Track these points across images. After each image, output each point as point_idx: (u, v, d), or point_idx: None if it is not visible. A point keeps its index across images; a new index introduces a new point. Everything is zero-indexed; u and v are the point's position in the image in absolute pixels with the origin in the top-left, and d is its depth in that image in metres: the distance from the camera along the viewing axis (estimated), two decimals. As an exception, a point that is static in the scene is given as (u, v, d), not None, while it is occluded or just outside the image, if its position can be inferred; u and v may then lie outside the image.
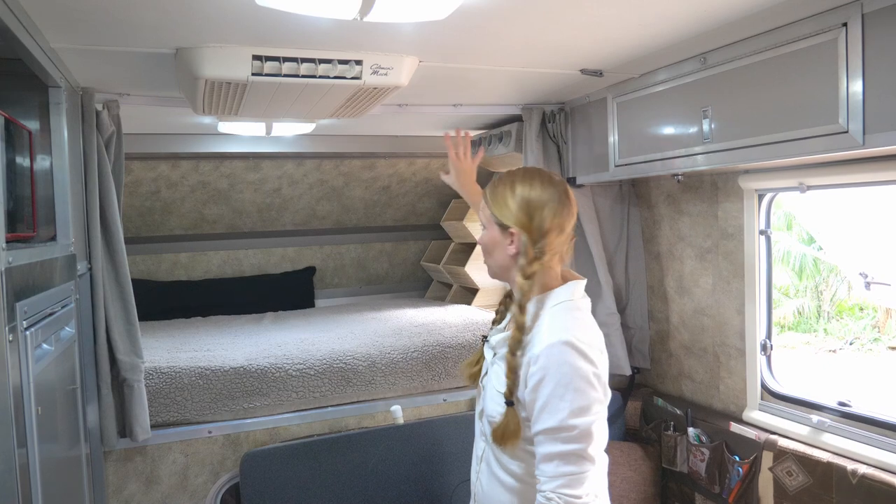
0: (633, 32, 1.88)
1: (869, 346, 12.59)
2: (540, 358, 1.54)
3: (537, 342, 1.58)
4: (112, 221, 2.29)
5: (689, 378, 2.79)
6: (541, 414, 1.54)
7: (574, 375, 1.53)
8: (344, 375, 2.65)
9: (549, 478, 1.53)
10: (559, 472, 1.52)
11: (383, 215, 4.43)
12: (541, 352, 1.55)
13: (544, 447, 1.54)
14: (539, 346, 1.56)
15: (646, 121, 2.38)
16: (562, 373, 1.53)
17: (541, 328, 1.60)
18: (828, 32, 1.67)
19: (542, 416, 1.54)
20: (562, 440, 1.52)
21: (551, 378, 1.53)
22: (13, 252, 1.35)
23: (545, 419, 1.53)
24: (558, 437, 1.52)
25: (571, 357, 1.54)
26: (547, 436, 1.53)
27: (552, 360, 1.53)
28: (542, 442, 1.55)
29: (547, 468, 1.54)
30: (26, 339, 1.37)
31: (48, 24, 1.63)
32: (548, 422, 1.53)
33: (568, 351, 1.54)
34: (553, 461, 1.52)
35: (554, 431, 1.52)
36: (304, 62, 1.91)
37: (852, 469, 2.00)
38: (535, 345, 1.58)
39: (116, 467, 2.39)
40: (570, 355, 1.54)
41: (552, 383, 1.53)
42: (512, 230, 1.64)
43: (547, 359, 1.54)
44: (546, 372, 1.53)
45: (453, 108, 2.83)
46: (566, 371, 1.53)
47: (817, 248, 12.42)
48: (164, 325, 3.52)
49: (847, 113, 1.64)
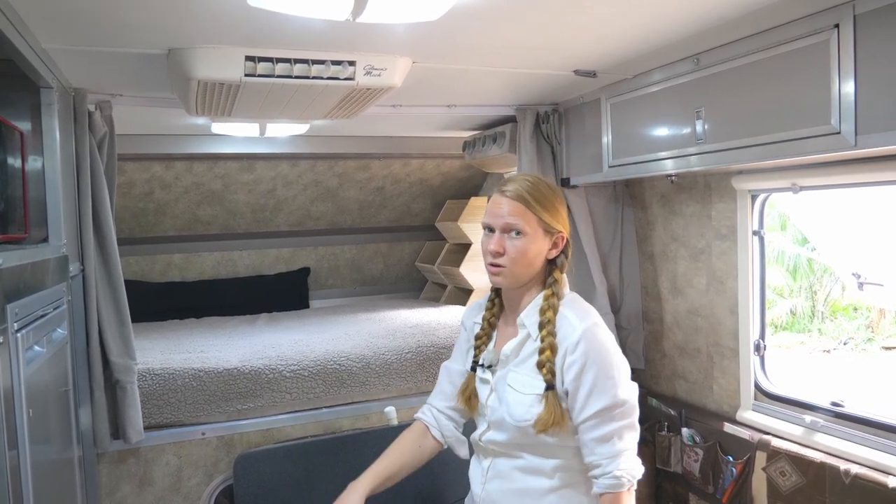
0: (627, 33, 1.88)
1: (863, 347, 12.64)
2: (578, 345, 1.59)
3: (570, 332, 1.62)
4: (105, 223, 2.28)
5: (682, 378, 2.79)
6: (590, 398, 1.58)
7: (613, 353, 1.62)
8: (338, 377, 2.65)
9: (609, 458, 1.57)
10: (618, 450, 1.57)
11: (378, 216, 4.43)
12: (578, 339, 1.60)
13: (598, 430, 1.58)
14: (571, 336, 1.61)
15: (639, 121, 2.38)
16: (601, 353, 1.60)
17: (567, 320, 1.66)
18: (820, 34, 1.68)
19: (591, 399, 1.58)
20: (616, 417, 1.57)
21: (593, 361, 1.59)
22: (4, 253, 1.34)
23: (595, 401, 1.58)
24: (613, 414, 1.57)
25: (605, 337, 1.63)
26: (600, 417, 1.58)
27: (591, 345, 1.60)
28: (595, 425, 1.58)
29: (605, 449, 1.58)
30: (17, 340, 1.36)
31: (39, 24, 1.62)
32: (599, 402, 1.57)
33: (600, 332, 1.63)
34: (611, 440, 1.57)
35: (608, 411, 1.57)
36: (297, 63, 1.90)
37: (845, 469, 2.01)
38: (566, 336, 1.63)
39: (109, 469, 2.38)
40: (604, 336, 1.63)
41: (596, 366, 1.58)
42: (562, 234, 1.72)
43: (586, 344, 1.59)
44: (587, 357, 1.59)
45: (447, 108, 2.83)
46: (604, 352, 1.61)
47: (811, 249, 12.46)
48: (157, 326, 3.51)
49: (839, 114, 1.65)
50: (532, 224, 1.67)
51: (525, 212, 1.67)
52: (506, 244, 1.66)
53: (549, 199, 1.69)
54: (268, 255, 4.29)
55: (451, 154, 3.95)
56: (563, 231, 1.71)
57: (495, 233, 1.68)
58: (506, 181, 1.73)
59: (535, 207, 1.67)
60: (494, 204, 1.70)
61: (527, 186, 1.69)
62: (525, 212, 1.67)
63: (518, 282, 1.72)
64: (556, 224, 1.69)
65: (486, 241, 1.70)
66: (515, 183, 1.70)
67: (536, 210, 1.67)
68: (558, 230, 1.70)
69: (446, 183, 4.33)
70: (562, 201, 1.73)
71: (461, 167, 4.17)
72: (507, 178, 1.76)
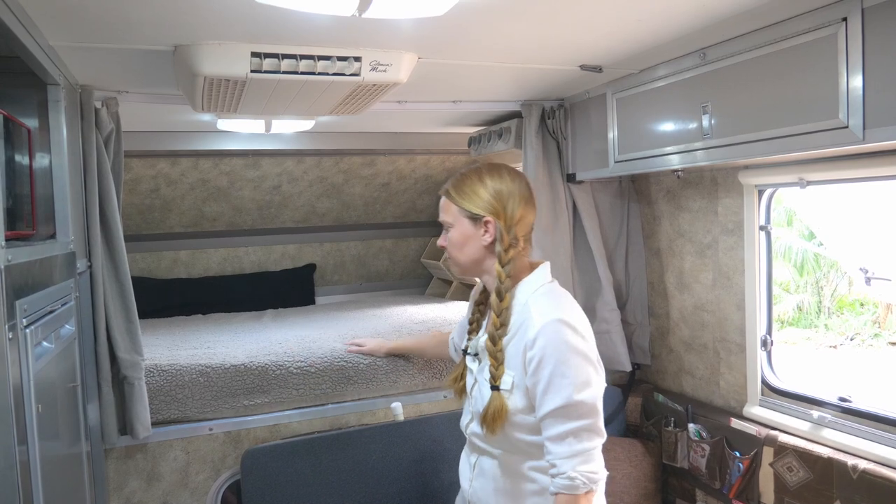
0: (633, 28, 1.87)
1: (870, 342, 12.60)
2: (537, 340, 1.56)
3: (530, 326, 1.59)
4: (112, 219, 2.28)
5: (689, 374, 2.79)
6: (545, 395, 1.55)
7: (572, 352, 1.55)
8: (345, 373, 2.65)
9: (564, 458, 1.54)
10: (574, 451, 1.54)
11: (383, 212, 4.43)
12: (536, 333, 1.56)
13: (554, 428, 1.55)
14: (532, 329, 1.57)
15: (645, 116, 2.38)
16: (559, 350, 1.54)
17: (530, 313, 1.62)
18: (828, 27, 1.67)
19: (546, 397, 1.55)
20: (572, 417, 1.53)
21: (550, 357, 1.54)
22: (13, 250, 1.35)
23: (551, 399, 1.54)
24: (568, 415, 1.53)
25: (566, 334, 1.56)
26: (556, 416, 1.54)
27: (549, 340, 1.55)
28: (551, 424, 1.56)
29: (560, 449, 1.55)
30: (26, 336, 1.37)
31: (46, 21, 1.63)
32: (554, 401, 1.54)
33: (562, 328, 1.56)
34: (566, 440, 1.54)
35: (562, 410, 1.53)
36: (302, 59, 1.90)
37: (853, 464, 2.00)
38: (527, 329, 1.59)
39: (117, 465, 2.39)
40: (565, 333, 1.56)
41: (552, 362, 1.54)
42: (486, 219, 1.68)
43: (544, 339, 1.55)
44: (544, 352, 1.55)
45: (452, 104, 2.83)
46: (563, 349, 1.55)
47: (818, 244, 12.41)
48: (164, 322, 3.52)
49: (847, 108, 1.64)
50: (454, 214, 1.73)
51: (448, 204, 1.74)
52: (446, 239, 1.76)
53: (472, 186, 1.71)
54: (273, 251, 4.29)
55: (456, 150, 3.94)
56: (487, 215, 1.68)
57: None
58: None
59: (454, 198, 1.72)
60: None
61: (453, 180, 1.76)
62: (448, 204, 1.74)
63: (469, 272, 1.77)
64: (476, 209, 1.69)
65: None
66: (450, 180, 1.77)
67: (456, 200, 1.72)
68: (480, 215, 1.69)
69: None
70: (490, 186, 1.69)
71: (466, 163, 4.16)
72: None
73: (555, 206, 2.84)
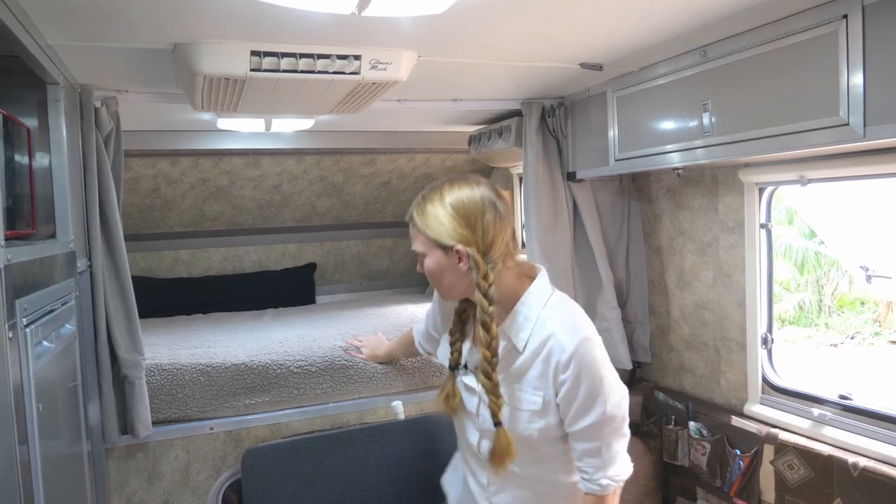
0: (633, 25, 1.87)
1: (870, 341, 12.59)
2: (571, 363, 1.56)
3: (557, 348, 1.57)
4: (112, 218, 2.28)
5: (689, 372, 2.79)
6: (580, 413, 1.59)
7: (602, 368, 1.59)
8: (345, 372, 2.65)
9: (596, 468, 1.61)
10: (605, 460, 1.61)
11: (383, 211, 4.43)
12: (570, 357, 1.56)
13: (587, 443, 1.61)
14: (564, 353, 1.56)
15: (646, 114, 2.37)
16: (592, 370, 1.57)
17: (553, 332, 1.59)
18: (828, 25, 1.66)
19: (581, 414, 1.59)
20: (604, 431, 1.59)
21: (585, 378, 1.56)
22: (13, 249, 1.34)
23: (586, 417, 1.58)
24: (601, 429, 1.59)
25: (595, 352, 1.59)
26: (589, 430, 1.59)
27: (582, 362, 1.56)
28: (584, 437, 1.61)
29: (593, 460, 1.61)
30: (26, 336, 1.37)
31: (45, 20, 1.62)
32: (589, 419, 1.58)
33: (591, 347, 1.58)
34: (599, 451, 1.60)
35: (597, 426, 1.58)
36: (302, 57, 1.90)
37: (853, 462, 2.00)
38: (555, 350, 1.58)
39: (118, 464, 2.39)
40: (594, 351, 1.59)
41: (586, 384, 1.57)
42: (457, 248, 1.57)
43: (577, 362, 1.56)
44: (579, 374, 1.56)
45: (453, 102, 2.83)
46: (595, 367, 1.57)
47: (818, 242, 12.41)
48: (164, 322, 3.52)
49: (848, 105, 1.64)
50: (423, 242, 1.63)
51: (416, 232, 1.64)
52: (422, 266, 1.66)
53: (434, 210, 1.60)
54: (274, 250, 4.29)
55: (456, 149, 3.94)
56: (457, 244, 1.57)
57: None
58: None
59: (419, 225, 1.62)
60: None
61: (416, 204, 1.65)
62: (416, 232, 1.64)
63: (456, 296, 1.69)
64: (444, 238, 1.58)
65: None
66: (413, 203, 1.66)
67: (420, 228, 1.62)
68: (448, 245, 1.58)
69: (452, 178, 4.31)
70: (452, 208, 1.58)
71: (467, 162, 4.17)
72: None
73: (555, 204, 2.84)
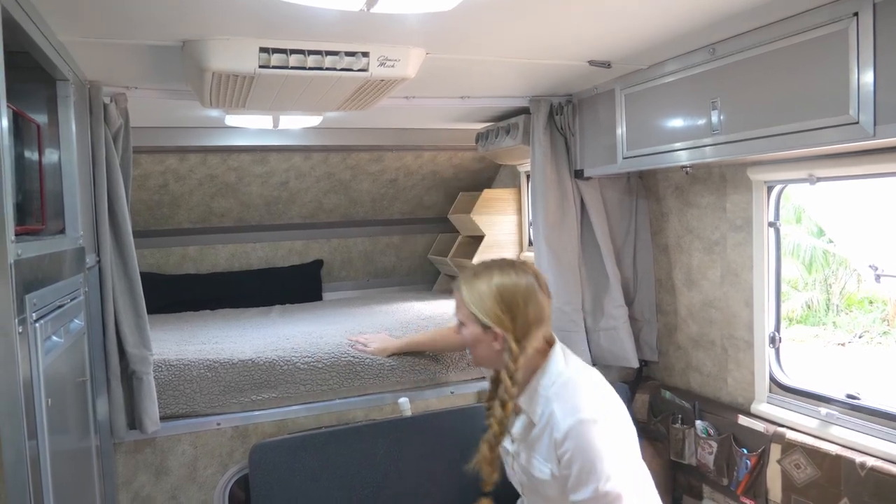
0: (642, 23, 1.87)
1: (878, 340, 12.52)
2: (565, 441, 1.69)
3: (555, 426, 1.72)
4: (120, 214, 2.29)
5: (696, 371, 2.78)
6: (576, 487, 1.70)
7: (595, 449, 1.68)
8: (352, 368, 2.66)
9: None
10: None
11: (391, 208, 4.43)
12: (564, 436, 1.69)
13: None
14: (559, 431, 1.70)
15: (654, 112, 2.36)
16: (585, 451, 1.67)
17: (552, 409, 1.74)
18: (839, 22, 1.65)
19: (577, 488, 1.70)
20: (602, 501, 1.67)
21: (578, 457, 1.68)
22: (23, 244, 1.35)
23: (581, 492, 1.69)
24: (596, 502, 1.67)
25: (589, 433, 1.68)
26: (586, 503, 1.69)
27: (575, 442, 1.68)
28: None
29: None
30: (36, 331, 1.38)
31: (55, 16, 1.63)
32: (584, 493, 1.68)
33: (584, 429, 1.68)
34: None
35: (591, 501, 1.67)
36: (310, 54, 1.90)
37: (861, 462, 1.99)
38: (553, 428, 1.72)
39: (126, 459, 2.41)
40: (588, 432, 1.68)
41: (579, 462, 1.68)
42: (495, 331, 1.73)
43: (571, 441, 1.68)
44: (573, 453, 1.68)
45: (460, 100, 2.82)
46: (587, 448, 1.68)
47: (827, 241, 12.35)
48: (172, 318, 3.54)
49: (858, 104, 1.63)
50: (465, 314, 1.78)
51: (461, 303, 1.79)
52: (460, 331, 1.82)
53: (480, 288, 1.75)
54: (281, 247, 4.31)
55: (463, 146, 3.94)
56: (497, 329, 1.73)
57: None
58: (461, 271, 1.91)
59: (465, 299, 1.77)
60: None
61: (465, 276, 1.80)
62: (461, 303, 1.79)
63: (486, 366, 1.86)
64: (485, 318, 1.74)
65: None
66: (462, 274, 1.82)
67: (466, 301, 1.77)
68: (488, 326, 1.74)
69: (459, 175, 4.32)
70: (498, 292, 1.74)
71: (474, 159, 4.16)
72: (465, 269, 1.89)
73: (562, 202, 2.83)
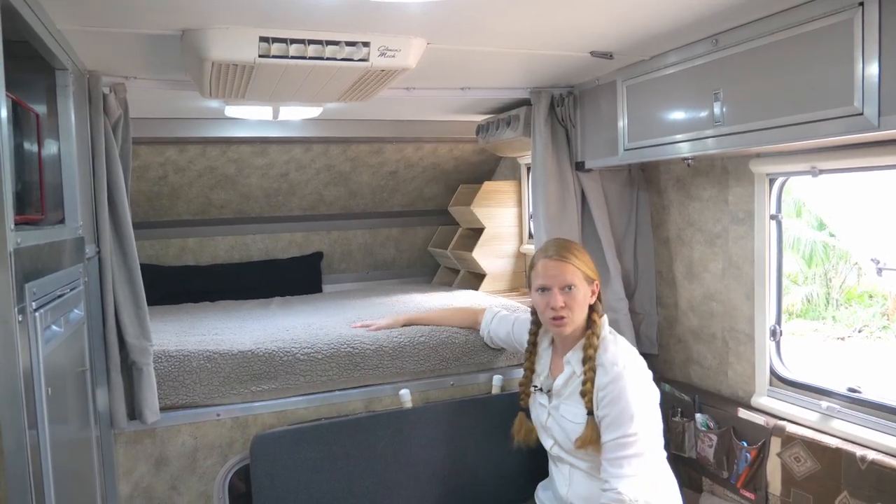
0: (644, 13, 1.85)
1: (878, 334, 12.53)
2: (608, 386, 1.99)
3: (602, 373, 2.02)
4: (120, 205, 2.28)
5: (697, 364, 2.78)
6: (609, 427, 1.96)
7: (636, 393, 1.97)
8: (352, 360, 2.66)
9: (615, 478, 1.92)
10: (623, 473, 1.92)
11: (391, 200, 4.43)
12: (608, 381, 1.99)
13: (612, 453, 1.95)
14: (605, 377, 2.00)
15: (656, 104, 2.35)
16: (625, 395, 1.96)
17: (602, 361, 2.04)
18: (843, 13, 1.64)
19: (610, 428, 1.96)
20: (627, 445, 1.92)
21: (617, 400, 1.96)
22: (22, 233, 1.34)
23: (613, 430, 1.95)
24: (624, 443, 1.92)
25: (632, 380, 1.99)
26: (614, 443, 1.94)
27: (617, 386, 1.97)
28: (609, 449, 1.95)
29: (613, 470, 1.93)
30: (35, 320, 1.37)
31: (54, 5, 1.62)
32: (615, 432, 1.94)
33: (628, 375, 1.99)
34: (619, 463, 1.93)
35: (620, 439, 1.93)
36: (311, 44, 1.89)
37: (861, 455, 1.99)
38: (602, 375, 2.02)
39: (126, 449, 2.41)
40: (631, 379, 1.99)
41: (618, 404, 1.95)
42: (597, 282, 2.13)
43: (613, 386, 1.97)
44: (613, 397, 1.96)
45: (461, 91, 2.81)
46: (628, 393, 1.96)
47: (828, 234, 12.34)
48: (172, 309, 3.53)
49: (862, 95, 1.62)
50: (579, 277, 2.08)
51: (573, 269, 2.07)
52: (565, 299, 2.05)
53: (584, 255, 2.13)
54: (281, 239, 4.30)
55: (464, 138, 3.92)
56: (597, 279, 2.12)
57: (552, 290, 2.06)
58: (546, 247, 2.16)
59: (577, 263, 2.08)
60: (546, 267, 2.09)
61: (558, 248, 2.12)
62: (573, 269, 2.07)
63: (576, 328, 2.10)
64: (592, 274, 2.11)
65: (545, 299, 2.08)
66: (556, 246, 2.14)
67: (579, 265, 2.08)
68: (594, 279, 2.11)
69: (459, 167, 4.31)
70: (589, 260, 2.15)
71: (474, 151, 4.15)
72: (546, 245, 2.19)
73: (563, 194, 2.82)
